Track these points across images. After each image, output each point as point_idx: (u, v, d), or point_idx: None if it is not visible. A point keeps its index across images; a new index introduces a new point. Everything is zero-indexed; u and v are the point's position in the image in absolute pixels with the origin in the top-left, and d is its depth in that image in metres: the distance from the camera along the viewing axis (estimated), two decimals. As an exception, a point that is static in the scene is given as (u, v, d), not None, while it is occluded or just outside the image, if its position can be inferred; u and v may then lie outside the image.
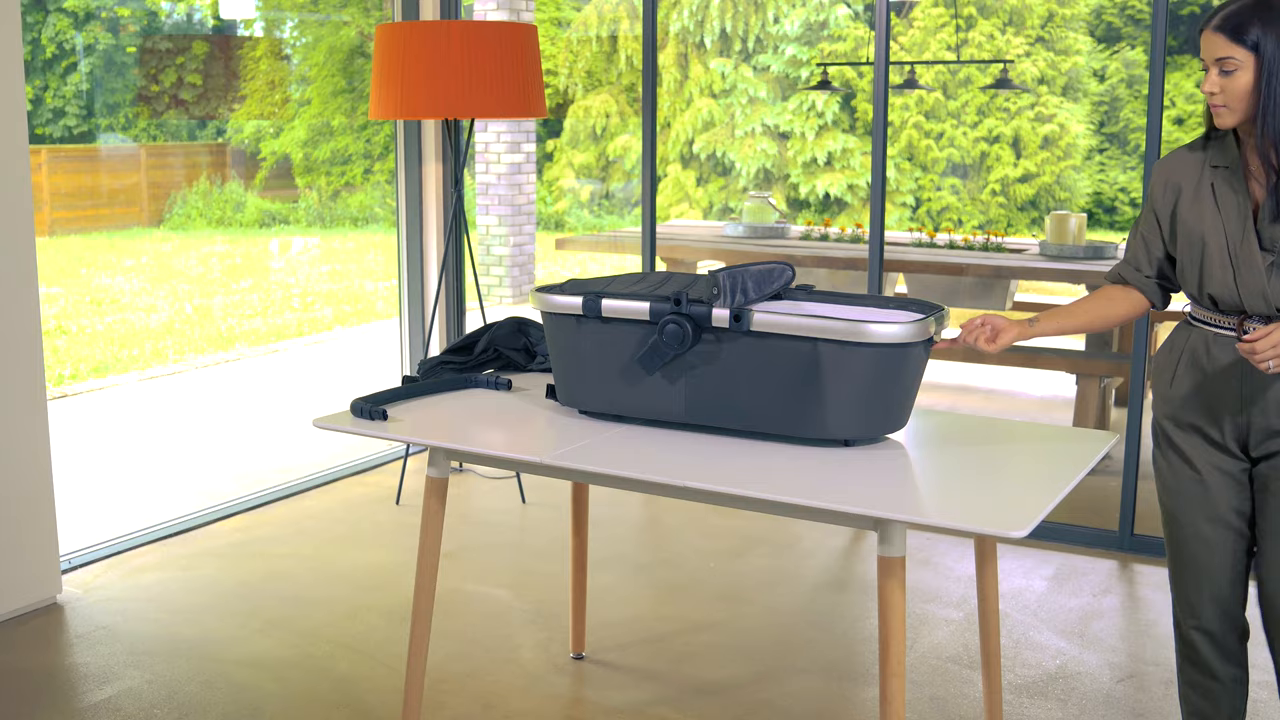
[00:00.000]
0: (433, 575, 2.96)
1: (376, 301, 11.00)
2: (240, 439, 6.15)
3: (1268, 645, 2.53)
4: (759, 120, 16.31)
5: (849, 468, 2.51)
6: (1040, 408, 6.78)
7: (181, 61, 15.79)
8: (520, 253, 10.60)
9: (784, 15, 16.33)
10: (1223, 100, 2.30)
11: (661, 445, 2.65)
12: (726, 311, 2.62)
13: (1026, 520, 2.22)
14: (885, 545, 2.37)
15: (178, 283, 11.47)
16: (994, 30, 16.13)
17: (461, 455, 2.77)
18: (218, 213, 15.32)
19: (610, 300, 2.75)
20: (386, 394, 3.02)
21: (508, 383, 3.16)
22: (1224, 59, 2.27)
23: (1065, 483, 2.43)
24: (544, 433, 2.77)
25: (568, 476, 2.68)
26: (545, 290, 2.87)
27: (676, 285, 2.84)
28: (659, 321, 2.68)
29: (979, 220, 15.90)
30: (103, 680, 3.41)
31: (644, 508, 4.89)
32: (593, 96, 16.68)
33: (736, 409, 2.67)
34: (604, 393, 2.80)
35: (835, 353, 2.54)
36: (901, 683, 2.40)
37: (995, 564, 2.93)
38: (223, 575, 4.17)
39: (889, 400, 2.59)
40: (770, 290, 2.78)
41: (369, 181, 16.36)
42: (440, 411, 2.94)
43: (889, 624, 2.38)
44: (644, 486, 2.56)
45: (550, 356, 2.90)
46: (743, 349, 2.64)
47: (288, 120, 16.42)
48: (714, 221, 12.75)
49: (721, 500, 2.50)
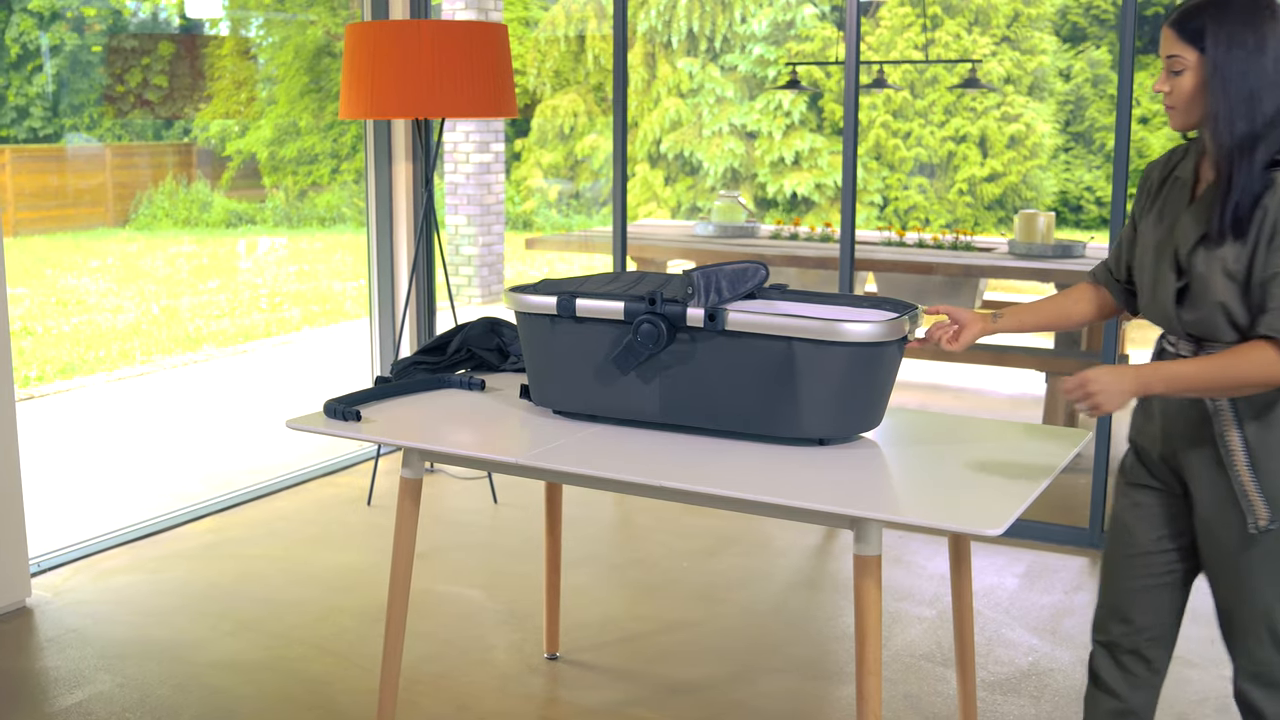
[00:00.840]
0: (407, 576, 2.95)
1: (345, 302, 10.96)
2: (210, 440, 6.12)
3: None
4: (726, 120, 16.33)
5: (825, 467, 2.51)
6: (1009, 406, 6.82)
7: (147, 62, 15.68)
8: (489, 253, 10.58)
9: (751, 15, 16.37)
10: (1171, 101, 2.22)
11: (637, 445, 2.65)
12: (701, 311, 2.63)
13: (1002, 518, 2.23)
14: (861, 544, 2.38)
15: (144, 283, 11.39)
16: (960, 30, 16.21)
17: (436, 456, 2.77)
18: (184, 213, 15.22)
19: (585, 300, 2.75)
20: (359, 395, 3.01)
21: (481, 383, 3.15)
22: (1173, 57, 2.17)
23: (1039, 481, 2.45)
24: (519, 433, 2.76)
25: (544, 477, 2.68)
26: (519, 290, 2.86)
27: (650, 285, 2.84)
28: (634, 321, 2.68)
29: (946, 219, 15.97)
30: (74, 684, 3.39)
31: (615, 508, 4.89)
32: (560, 96, 16.66)
33: (711, 408, 2.67)
34: (578, 393, 2.80)
35: (811, 352, 2.55)
36: (878, 681, 2.41)
37: (970, 562, 2.95)
38: (193, 577, 4.15)
39: (864, 399, 2.60)
40: (744, 290, 2.78)
41: (336, 181, 16.30)
42: (414, 412, 2.93)
43: (865, 622, 2.39)
44: (621, 486, 2.56)
45: (524, 357, 2.90)
46: (717, 348, 2.64)
47: (254, 120, 16.34)
48: (684, 221, 12.76)
49: (699, 500, 2.50)
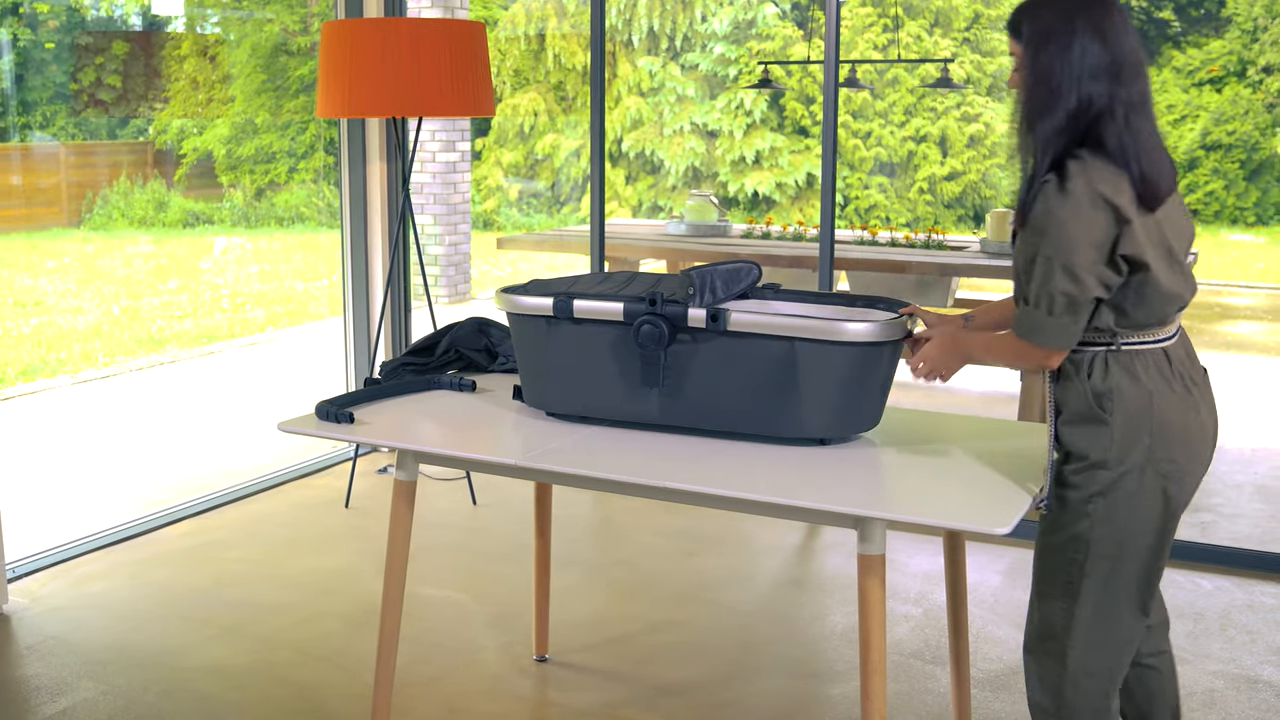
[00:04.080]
0: (401, 580, 2.93)
1: (309, 303, 10.87)
2: (183, 443, 6.05)
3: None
4: (687, 119, 16.34)
5: (826, 466, 2.51)
6: (981, 403, 6.86)
7: (101, 61, 15.51)
8: (456, 252, 10.52)
9: (712, 14, 16.38)
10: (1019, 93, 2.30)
11: (636, 446, 2.64)
12: (703, 311, 2.62)
13: (1008, 517, 2.24)
14: (865, 543, 2.38)
15: (103, 284, 11.26)
16: (921, 31, 16.30)
17: (434, 459, 2.75)
18: (140, 212, 15.07)
19: (582, 301, 2.73)
20: (350, 396, 2.98)
21: (472, 384, 3.13)
22: (1013, 54, 2.29)
23: (1040, 478, 2.45)
24: (515, 435, 2.74)
25: (546, 479, 2.66)
26: (512, 291, 2.85)
27: (643, 285, 2.83)
28: (633, 322, 2.67)
29: (907, 218, 16.05)
30: (56, 692, 3.34)
31: (595, 507, 4.88)
32: (520, 95, 16.61)
33: (712, 409, 2.67)
34: (575, 395, 2.79)
35: (813, 351, 2.54)
36: (883, 680, 2.41)
37: (965, 560, 2.96)
38: (173, 581, 4.10)
39: (865, 398, 2.60)
40: (738, 289, 2.78)
41: (294, 179, 16.18)
42: (406, 414, 2.91)
43: (869, 621, 2.39)
44: (625, 488, 2.55)
45: (518, 358, 2.88)
46: (719, 349, 2.63)
47: (211, 118, 16.19)
48: (655, 221, 12.74)
49: (704, 501, 2.49)
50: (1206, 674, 3.47)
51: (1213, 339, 9.23)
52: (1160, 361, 2.27)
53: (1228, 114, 16.36)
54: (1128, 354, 2.26)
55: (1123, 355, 2.26)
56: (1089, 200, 2.15)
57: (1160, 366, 2.27)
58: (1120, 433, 2.24)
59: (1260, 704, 3.30)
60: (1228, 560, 4.26)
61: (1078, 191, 2.16)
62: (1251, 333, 9.70)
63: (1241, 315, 10.53)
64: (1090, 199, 2.15)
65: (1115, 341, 2.27)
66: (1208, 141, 16.23)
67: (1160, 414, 2.25)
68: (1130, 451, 2.24)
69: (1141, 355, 2.27)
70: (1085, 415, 2.28)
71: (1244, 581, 4.13)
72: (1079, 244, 2.16)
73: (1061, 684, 2.38)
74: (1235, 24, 16.93)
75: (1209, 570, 4.21)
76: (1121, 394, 2.25)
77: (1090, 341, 2.28)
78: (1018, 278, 2.30)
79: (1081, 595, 2.33)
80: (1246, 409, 6.85)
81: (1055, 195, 2.17)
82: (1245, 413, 6.73)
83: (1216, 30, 17.22)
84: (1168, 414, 2.25)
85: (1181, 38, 17.35)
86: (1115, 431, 2.24)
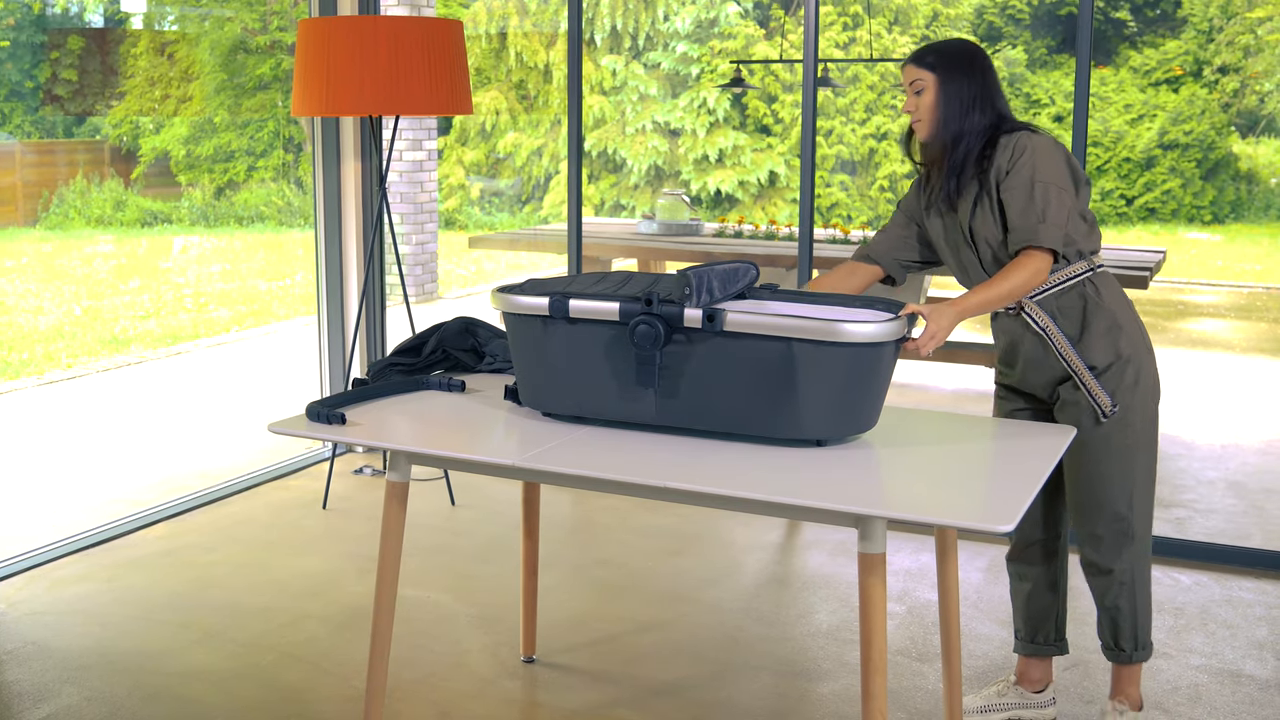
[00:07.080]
0: (393, 583, 2.91)
1: (272, 302, 10.79)
2: (155, 444, 5.99)
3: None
4: (650, 117, 16.34)
5: (824, 466, 2.52)
6: (953, 401, 6.90)
7: (56, 56, 15.32)
8: (422, 251, 10.48)
9: (674, 13, 16.38)
10: (919, 115, 2.92)
11: (633, 446, 2.64)
12: (699, 312, 2.61)
13: (1011, 514, 2.25)
14: (866, 542, 2.39)
15: (63, 284, 11.13)
16: (880, 29, 16.36)
17: (431, 460, 2.73)
18: (97, 211, 14.90)
19: (578, 301, 2.72)
20: (340, 397, 2.96)
21: (461, 384, 3.12)
22: (915, 81, 2.91)
23: (1038, 475, 2.47)
24: (511, 435, 2.73)
25: (544, 480, 2.65)
26: (507, 290, 2.83)
27: (639, 285, 2.82)
28: (629, 322, 2.66)
29: (868, 216, 16.12)
30: (38, 698, 3.29)
31: (574, 507, 4.87)
32: (482, 94, 16.55)
33: (708, 410, 2.66)
34: (571, 395, 2.77)
35: (811, 352, 2.54)
36: (883, 678, 2.42)
37: (956, 558, 2.97)
38: (152, 585, 4.05)
39: (863, 400, 2.61)
40: (735, 289, 2.77)
41: (254, 178, 16.06)
42: (398, 414, 2.89)
43: (871, 620, 2.40)
44: (624, 489, 2.54)
45: (513, 358, 2.86)
46: (715, 349, 2.63)
47: (169, 116, 16.05)
48: (628, 220, 12.72)
49: (705, 501, 2.48)
50: (1190, 669, 3.50)
51: (1177, 336, 9.33)
52: (1113, 278, 2.96)
53: (1184, 114, 16.54)
54: (1101, 275, 2.92)
55: (1099, 275, 2.91)
56: (1052, 142, 2.86)
57: (1114, 281, 2.96)
58: (1126, 330, 2.89)
59: (1244, 697, 3.33)
60: (1205, 556, 4.30)
61: (1041, 136, 2.86)
62: (1215, 330, 9.81)
63: (1204, 313, 10.66)
64: (1052, 141, 2.86)
65: (1093, 265, 2.90)
66: (1165, 141, 16.40)
67: (1131, 314, 2.94)
68: (1134, 344, 2.89)
69: (1105, 275, 2.93)
70: (1100, 328, 2.88)
71: (1221, 577, 4.17)
72: (1059, 166, 2.82)
73: (1135, 558, 2.97)
74: (1191, 24, 17.11)
75: (1187, 566, 4.26)
76: (1116, 302, 2.91)
77: (1078, 273, 2.89)
78: (985, 243, 2.91)
79: (1137, 471, 2.93)
80: (1215, 405, 6.92)
81: (1029, 139, 2.84)
82: (1214, 409, 6.80)
83: (1173, 30, 17.39)
84: (1132, 312, 2.95)
85: (1138, 38, 17.52)
86: (1125, 330, 2.89)
